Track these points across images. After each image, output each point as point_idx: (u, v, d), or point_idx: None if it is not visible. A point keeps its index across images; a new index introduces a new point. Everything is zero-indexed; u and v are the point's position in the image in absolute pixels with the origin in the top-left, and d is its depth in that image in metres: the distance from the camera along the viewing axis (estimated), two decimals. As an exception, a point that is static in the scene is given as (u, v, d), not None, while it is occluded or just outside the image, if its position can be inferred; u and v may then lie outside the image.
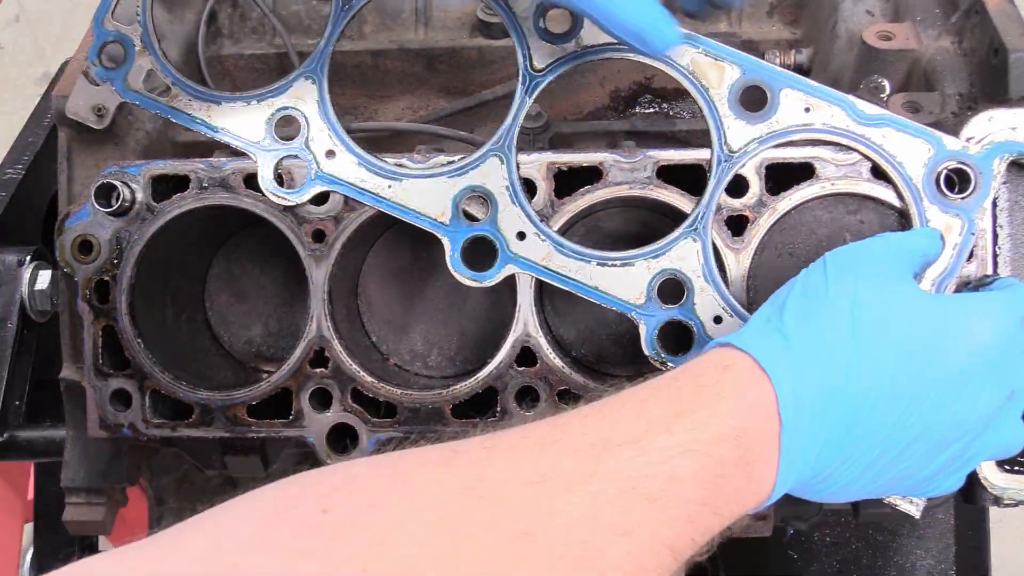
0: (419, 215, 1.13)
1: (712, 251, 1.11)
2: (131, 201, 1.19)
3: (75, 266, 1.19)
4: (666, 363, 1.10)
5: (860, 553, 1.60)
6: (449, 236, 1.12)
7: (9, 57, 3.93)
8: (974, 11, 1.24)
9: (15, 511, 1.77)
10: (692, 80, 1.11)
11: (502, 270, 1.11)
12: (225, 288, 1.36)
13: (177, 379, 1.19)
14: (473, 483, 0.72)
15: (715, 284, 1.10)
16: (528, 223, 1.12)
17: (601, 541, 0.72)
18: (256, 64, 1.43)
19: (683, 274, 1.10)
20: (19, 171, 1.54)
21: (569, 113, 1.50)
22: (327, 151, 1.13)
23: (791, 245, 1.16)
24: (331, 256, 1.17)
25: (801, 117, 1.11)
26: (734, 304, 1.10)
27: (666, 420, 0.79)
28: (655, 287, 1.10)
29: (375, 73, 1.55)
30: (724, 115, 1.11)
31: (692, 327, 1.10)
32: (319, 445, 1.17)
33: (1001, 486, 1.09)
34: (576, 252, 1.11)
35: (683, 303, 1.10)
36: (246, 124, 1.14)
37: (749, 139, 1.11)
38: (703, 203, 1.11)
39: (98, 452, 1.31)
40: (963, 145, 1.09)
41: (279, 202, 1.13)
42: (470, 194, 1.12)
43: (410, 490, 0.71)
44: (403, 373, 1.31)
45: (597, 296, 1.11)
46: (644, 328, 1.10)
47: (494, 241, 1.11)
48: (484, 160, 1.13)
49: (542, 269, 1.11)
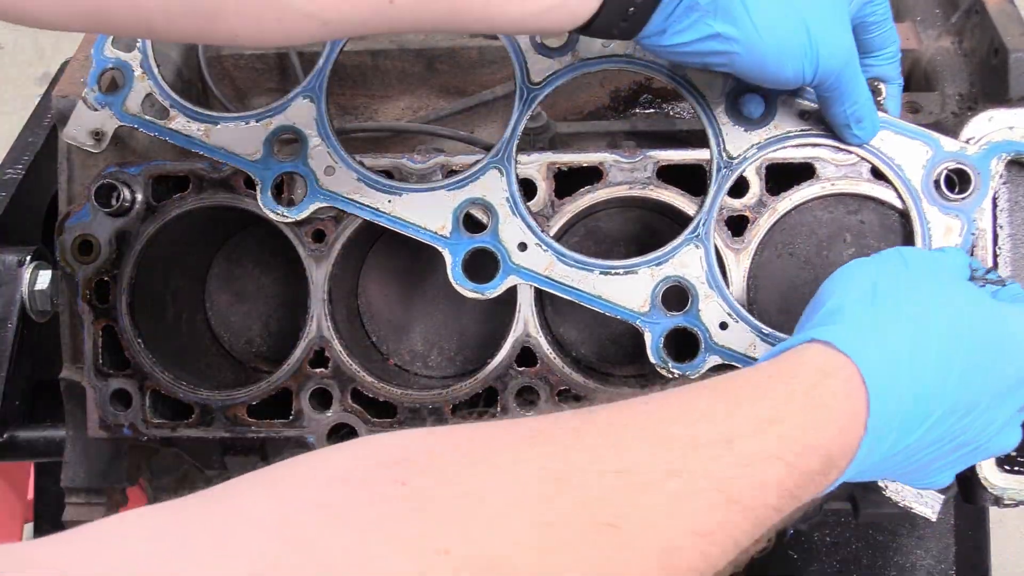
0: (420, 229, 1.13)
1: (715, 257, 1.11)
2: (131, 201, 1.19)
3: (75, 266, 1.19)
4: (672, 371, 1.10)
5: (860, 553, 1.60)
6: (450, 249, 1.12)
7: (9, 57, 3.93)
8: (974, 11, 1.24)
9: (15, 511, 1.77)
10: (687, 87, 1.12)
11: (504, 281, 1.12)
12: (225, 288, 1.36)
13: (177, 379, 1.19)
14: (559, 468, 0.69)
15: (719, 290, 1.10)
16: (529, 234, 1.12)
17: (681, 540, 0.70)
18: (256, 64, 1.43)
19: (687, 281, 1.11)
20: (19, 171, 1.54)
21: (569, 113, 1.50)
22: (326, 167, 1.14)
23: (791, 245, 1.16)
24: (331, 256, 1.17)
25: (799, 122, 1.12)
26: (739, 310, 1.10)
27: (758, 424, 0.77)
28: (659, 295, 1.11)
29: (375, 73, 1.55)
30: (722, 122, 1.12)
31: (698, 334, 1.10)
32: (319, 445, 1.16)
33: (1001, 486, 1.09)
34: (578, 261, 1.12)
35: (688, 310, 1.10)
36: (244, 142, 1.15)
37: (748, 145, 1.12)
38: (704, 209, 1.11)
39: (98, 452, 1.31)
40: (961, 146, 1.09)
41: (278, 219, 1.14)
42: (470, 206, 1.13)
43: (493, 470, 0.68)
44: (403, 373, 1.31)
45: (601, 305, 1.11)
46: (649, 336, 1.10)
47: (495, 252, 1.12)
48: (484, 172, 1.13)
49: (545, 279, 1.12)
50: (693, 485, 0.72)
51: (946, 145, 1.09)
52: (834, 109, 1.07)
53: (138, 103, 1.18)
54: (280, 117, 1.15)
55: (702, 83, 1.12)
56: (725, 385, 0.83)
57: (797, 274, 1.19)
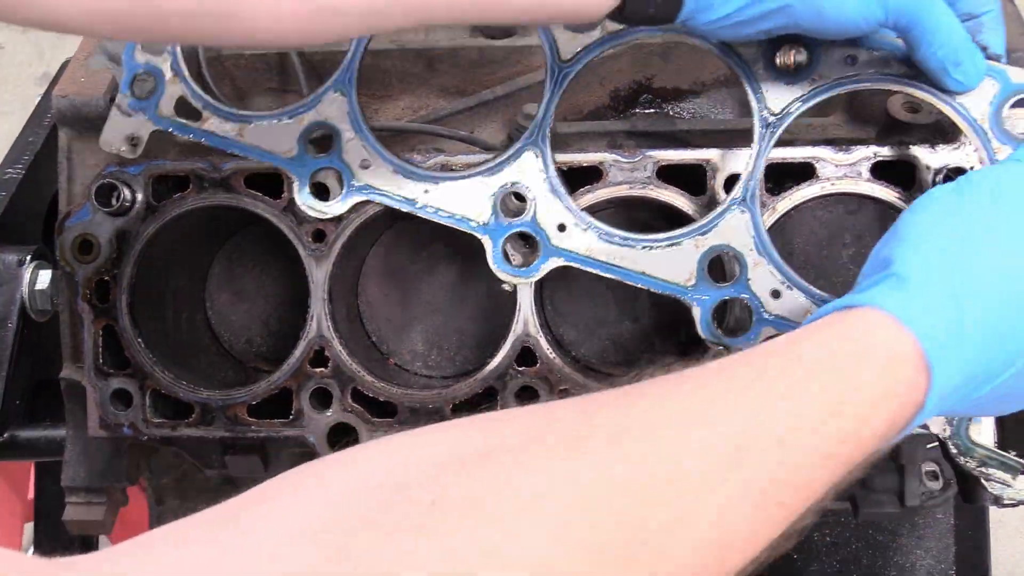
0: (458, 218, 1.12)
1: (763, 224, 1.06)
2: (131, 201, 1.19)
3: (75, 266, 1.19)
4: (727, 347, 1.06)
5: (860, 553, 1.60)
6: (490, 235, 1.11)
7: (9, 57, 3.93)
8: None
9: (15, 511, 1.77)
10: (721, 48, 1.07)
11: (546, 263, 1.10)
12: (225, 288, 1.36)
13: (177, 379, 1.19)
14: (603, 478, 0.65)
15: (769, 256, 1.05)
16: (569, 214, 1.10)
17: (727, 547, 0.68)
18: (256, 64, 1.43)
19: (734, 249, 1.06)
20: (19, 171, 1.54)
21: (569, 113, 1.50)
22: (361, 161, 1.13)
23: (791, 245, 1.16)
24: (331, 256, 1.17)
25: (844, 68, 1.04)
26: (793, 276, 1.05)
27: (813, 420, 0.70)
28: (705, 265, 1.07)
29: (375, 73, 1.55)
30: (761, 78, 1.06)
31: (750, 305, 1.05)
32: (319, 445, 1.17)
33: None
34: (620, 238, 1.09)
35: (737, 280, 1.06)
36: (279, 140, 1.15)
37: (791, 99, 1.06)
38: (750, 172, 1.06)
39: (98, 452, 1.31)
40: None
41: (318, 216, 1.14)
42: (508, 190, 1.11)
43: (532, 482, 0.63)
44: (403, 373, 1.31)
45: (645, 281, 1.08)
46: (698, 310, 1.06)
47: (535, 236, 1.10)
48: (519, 155, 1.12)
49: (587, 259, 1.09)
50: (742, 492, 0.67)
51: (1014, 76, 1.01)
52: (921, 52, 0.96)
53: (171, 106, 1.18)
54: (312, 113, 1.15)
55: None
56: (780, 368, 0.73)
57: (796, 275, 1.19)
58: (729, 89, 1.58)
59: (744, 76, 1.07)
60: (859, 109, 1.32)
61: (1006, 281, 0.77)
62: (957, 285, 0.76)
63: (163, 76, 1.19)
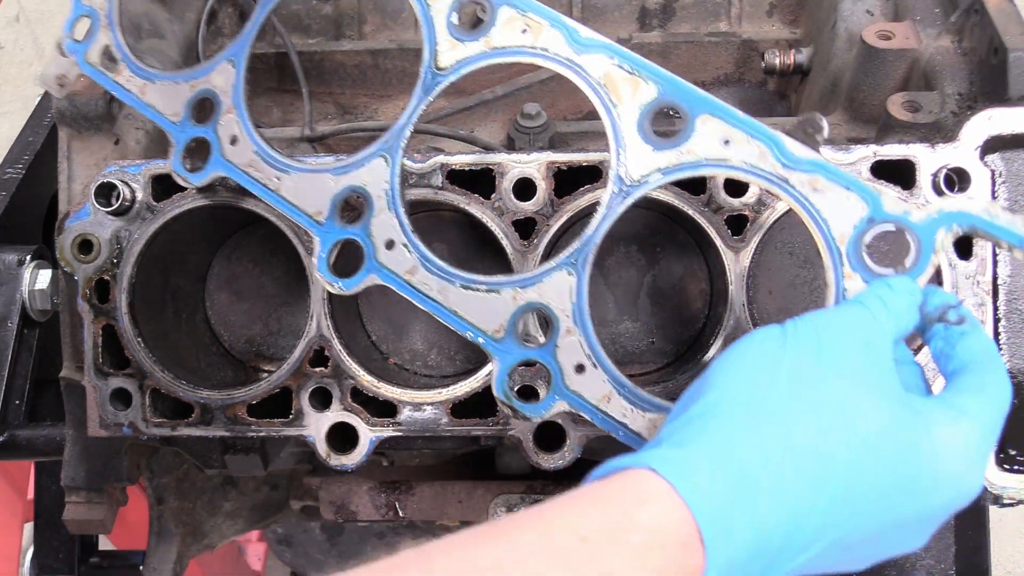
0: (297, 211, 1.09)
1: (587, 292, 0.99)
2: (131, 200, 1.19)
3: (75, 265, 1.19)
4: (516, 411, 1.01)
5: (860, 553, 1.60)
6: (320, 236, 1.07)
7: (9, 57, 3.94)
8: (974, 10, 1.24)
9: (15, 511, 1.77)
10: (600, 94, 0.99)
11: (364, 279, 1.06)
12: (225, 288, 1.36)
13: (177, 378, 1.19)
14: None
15: (583, 328, 0.98)
16: (399, 232, 1.05)
17: None
18: (256, 64, 1.43)
19: (550, 310, 0.99)
20: (19, 171, 1.54)
21: (569, 113, 1.51)
22: (232, 137, 1.12)
23: (791, 244, 1.16)
24: (331, 256, 1.17)
25: (717, 150, 0.95)
26: (601, 355, 0.99)
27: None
28: (517, 321, 1.01)
29: (375, 73, 1.56)
30: (628, 137, 0.98)
31: (551, 373, 0.99)
32: (319, 444, 1.17)
33: (1000, 484, 1.09)
34: (441, 270, 1.03)
35: (545, 344, 0.99)
36: (171, 103, 1.15)
37: (653, 168, 0.97)
38: (588, 236, 0.98)
39: (98, 451, 1.31)
40: (904, 208, 0.90)
41: (182, 183, 1.14)
42: (350, 194, 1.07)
43: None
44: (403, 372, 1.31)
45: (454, 321, 1.02)
46: (497, 365, 1.00)
47: (362, 246, 1.06)
48: (369, 160, 1.07)
49: (404, 283, 1.04)
50: None
51: (888, 204, 0.90)
52: None
53: (98, 53, 1.18)
54: (202, 80, 1.14)
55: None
56: (562, 536, 0.69)
57: (797, 273, 1.19)
58: (729, 88, 1.59)
59: (613, 136, 0.98)
60: (859, 109, 1.32)
61: (815, 461, 0.71)
62: (756, 454, 0.71)
63: (98, 22, 1.18)
